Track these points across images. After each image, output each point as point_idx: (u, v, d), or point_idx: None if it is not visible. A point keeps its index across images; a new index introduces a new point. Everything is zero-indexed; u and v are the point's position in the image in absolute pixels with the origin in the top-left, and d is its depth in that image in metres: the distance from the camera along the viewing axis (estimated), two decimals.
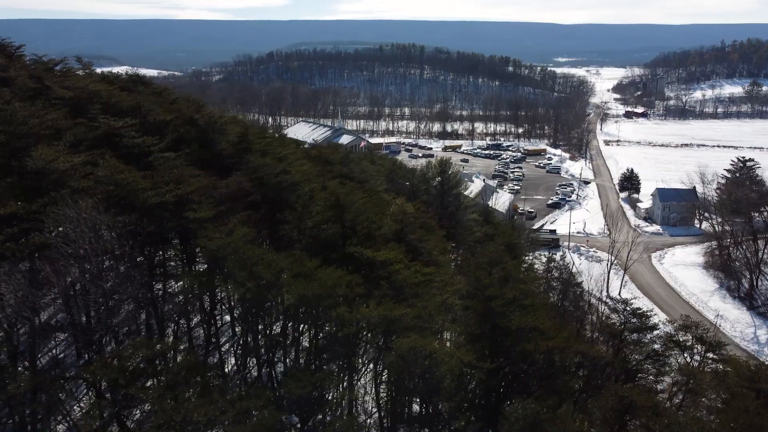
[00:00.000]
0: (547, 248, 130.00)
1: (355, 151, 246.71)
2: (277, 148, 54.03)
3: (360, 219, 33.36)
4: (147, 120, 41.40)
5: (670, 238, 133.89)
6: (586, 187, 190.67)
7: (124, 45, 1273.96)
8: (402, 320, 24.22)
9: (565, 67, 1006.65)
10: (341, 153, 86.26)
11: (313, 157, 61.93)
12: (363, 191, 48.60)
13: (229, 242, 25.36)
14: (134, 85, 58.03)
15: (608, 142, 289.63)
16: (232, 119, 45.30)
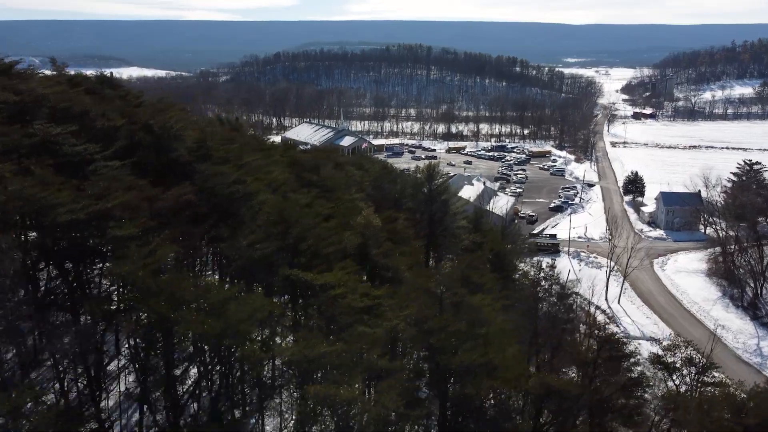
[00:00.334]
0: (546, 254, 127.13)
1: (358, 153, 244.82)
2: (248, 154, 51.47)
3: (310, 235, 30.55)
4: (96, 126, 38.89)
5: (673, 244, 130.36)
6: (590, 190, 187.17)
7: (128, 46, 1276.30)
8: (324, 359, 21.31)
9: (573, 67, 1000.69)
10: (326, 158, 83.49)
11: (292, 163, 59.25)
12: (333, 201, 45.93)
13: (133, 267, 22.48)
14: (101, 88, 55.48)
15: (615, 143, 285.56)
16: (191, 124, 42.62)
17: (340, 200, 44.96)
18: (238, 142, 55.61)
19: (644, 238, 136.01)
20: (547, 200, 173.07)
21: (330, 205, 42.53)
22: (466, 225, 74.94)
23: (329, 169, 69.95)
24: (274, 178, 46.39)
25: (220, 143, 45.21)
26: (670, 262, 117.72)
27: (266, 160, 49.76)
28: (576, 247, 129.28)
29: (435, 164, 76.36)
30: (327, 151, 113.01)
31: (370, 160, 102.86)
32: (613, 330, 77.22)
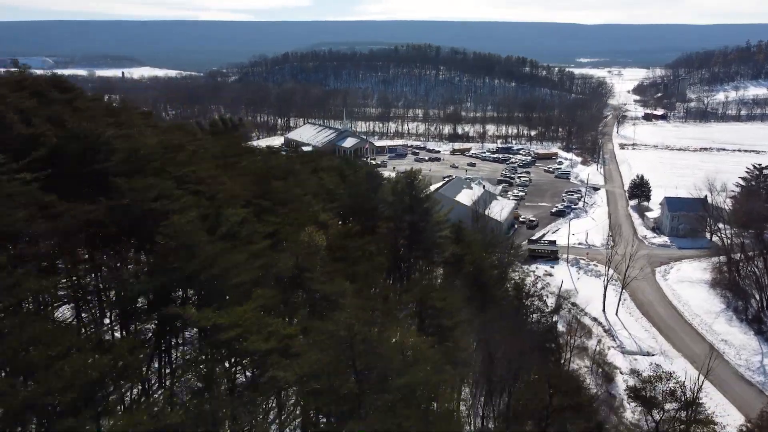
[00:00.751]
0: (544, 261, 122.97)
1: (360, 154, 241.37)
2: (200, 162, 47.80)
3: (217, 263, 26.57)
4: (14, 133, 35.37)
5: (677, 251, 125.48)
6: (594, 193, 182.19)
7: (143, 46, 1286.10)
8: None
9: (586, 67, 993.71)
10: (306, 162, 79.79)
11: (257, 171, 55.42)
12: (285, 215, 42.12)
13: None
14: (49, 90, 52.01)
15: (623, 145, 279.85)
16: (122, 134, 38.89)
17: (293, 215, 41.13)
18: (195, 148, 51.73)
19: (647, 245, 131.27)
20: (550, 204, 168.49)
21: (277, 221, 38.73)
22: (449, 235, 70.78)
23: (303, 176, 66.24)
24: (227, 189, 42.77)
25: (162, 152, 41.45)
26: (673, 271, 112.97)
27: (218, 170, 45.98)
28: (576, 254, 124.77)
29: (416, 171, 72.33)
30: (310, 156, 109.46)
31: (355, 165, 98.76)
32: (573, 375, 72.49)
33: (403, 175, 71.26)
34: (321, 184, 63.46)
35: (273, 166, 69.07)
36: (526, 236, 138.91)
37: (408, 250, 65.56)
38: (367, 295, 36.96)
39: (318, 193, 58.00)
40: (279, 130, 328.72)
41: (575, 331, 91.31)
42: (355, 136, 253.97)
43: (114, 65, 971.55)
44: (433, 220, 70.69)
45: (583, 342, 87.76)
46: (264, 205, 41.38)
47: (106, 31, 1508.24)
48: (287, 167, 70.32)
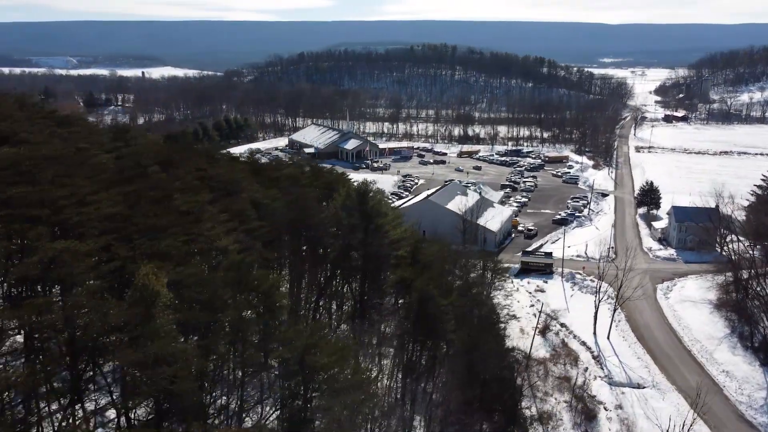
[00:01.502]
0: (538, 274, 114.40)
1: (363, 156, 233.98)
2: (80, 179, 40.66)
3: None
4: None
5: (683, 266, 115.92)
6: (602, 200, 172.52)
7: (171, 46, 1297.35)
8: None
9: (609, 68, 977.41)
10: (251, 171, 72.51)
11: (155, 186, 47.90)
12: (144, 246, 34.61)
13: None
14: None
15: (639, 148, 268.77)
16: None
17: (165, 241, 33.80)
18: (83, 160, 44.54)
19: (652, 258, 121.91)
20: (553, 211, 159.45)
21: (128, 254, 31.38)
22: (404, 255, 62.84)
23: (242, 186, 58.90)
24: (100, 211, 35.52)
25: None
26: (676, 289, 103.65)
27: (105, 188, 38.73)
28: (573, 267, 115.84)
29: (370, 184, 64.44)
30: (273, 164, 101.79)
31: (320, 173, 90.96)
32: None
33: (354, 188, 63.55)
34: (254, 199, 55.89)
35: (211, 177, 62.10)
36: (523, 246, 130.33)
37: (349, 274, 57.87)
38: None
39: (242, 211, 50.40)
40: (287, 131, 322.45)
41: (559, 356, 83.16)
42: (358, 137, 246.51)
43: (136, 65, 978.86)
44: (387, 239, 62.93)
45: (567, 371, 79.37)
46: (127, 230, 34.11)
47: (132, 32, 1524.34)
48: (228, 178, 63.09)
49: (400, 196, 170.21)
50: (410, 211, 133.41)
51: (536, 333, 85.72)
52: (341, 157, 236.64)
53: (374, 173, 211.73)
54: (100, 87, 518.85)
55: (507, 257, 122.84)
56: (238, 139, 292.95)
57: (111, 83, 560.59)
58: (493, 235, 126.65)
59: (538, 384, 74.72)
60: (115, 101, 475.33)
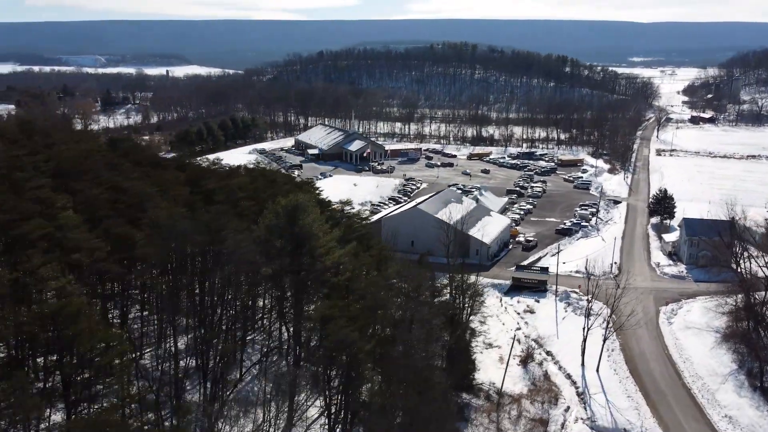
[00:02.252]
0: (531, 292, 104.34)
1: (368, 158, 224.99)
2: None
3: None
4: None
5: (692, 285, 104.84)
6: (613, 208, 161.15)
7: (198, 45, 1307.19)
8: None
9: (639, 67, 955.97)
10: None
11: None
12: None
13: None
14: None
15: (660, 151, 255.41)
16: None
17: None
18: None
19: (659, 276, 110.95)
20: (559, 219, 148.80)
21: None
22: (340, 282, 53.69)
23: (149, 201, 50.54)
24: None
25: None
26: (681, 312, 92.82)
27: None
28: (569, 285, 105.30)
29: (303, 202, 55.34)
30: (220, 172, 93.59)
31: (270, 182, 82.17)
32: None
33: (283, 206, 54.54)
34: (154, 220, 47.35)
35: (124, 190, 53.84)
36: (520, 259, 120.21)
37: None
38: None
39: (123, 236, 41.89)
40: (297, 131, 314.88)
41: (538, 392, 73.36)
42: (363, 138, 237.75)
43: (162, 63, 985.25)
44: (321, 264, 53.90)
45: (545, 410, 69.59)
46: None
47: (160, 31, 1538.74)
48: (136, 192, 54.77)
49: (398, 201, 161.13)
50: (397, 220, 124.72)
51: (509, 364, 76.00)
52: (345, 158, 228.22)
53: (377, 176, 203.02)
54: (122, 85, 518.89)
55: (499, 272, 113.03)
56: (245, 139, 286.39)
57: (130, 82, 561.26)
58: (486, 248, 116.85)
59: (508, 429, 65.15)
60: (132, 100, 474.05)
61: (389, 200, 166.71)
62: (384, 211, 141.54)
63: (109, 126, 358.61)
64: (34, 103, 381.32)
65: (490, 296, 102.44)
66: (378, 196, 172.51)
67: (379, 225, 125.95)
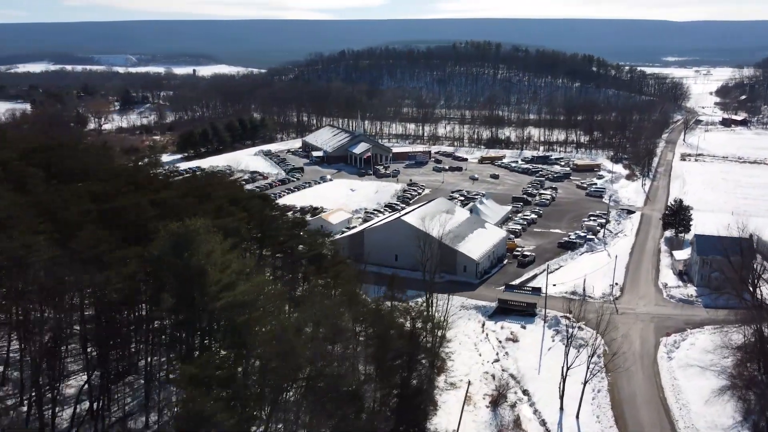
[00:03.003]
0: (519, 316, 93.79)
1: (373, 161, 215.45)
2: None
3: None
4: None
5: (701, 312, 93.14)
6: (626, 218, 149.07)
7: (228, 44, 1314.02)
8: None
9: (672, 67, 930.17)
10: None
11: None
12: None
13: None
14: None
15: (686, 156, 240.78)
16: None
17: None
18: None
19: (665, 299, 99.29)
20: (565, 231, 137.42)
21: None
22: (238, 326, 44.19)
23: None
24: None
25: None
26: (684, 345, 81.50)
27: None
28: (561, 309, 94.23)
29: (201, 226, 46.11)
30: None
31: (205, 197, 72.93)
32: None
33: (170, 234, 45.36)
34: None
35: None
36: (513, 277, 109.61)
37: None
38: None
39: None
40: (309, 131, 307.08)
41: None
42: (369, 141, 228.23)
43: (191, 63, 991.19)
44: (215, 306, 44.57)
45: None
46: None
47: (192, 31, 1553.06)
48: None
49: (394, 209, 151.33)
50: (380, 232, 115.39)
51: (476, 406, 65.98)
52: (350, 161, 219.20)
53: (380, 180, 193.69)
54: (141, 84, 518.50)
55: (487, 292, 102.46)
56: (254, 140, 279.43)
57: (151, 81, 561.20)
58: (474, 264, 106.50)
59: None
60: (151, 99, 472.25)
61: (385, 207, 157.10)
62: (368, 222, 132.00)
63: (122, 126, 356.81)
64: (50, 103, 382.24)
65: (471, 320, 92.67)
66: (375, 203, 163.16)
67: (362, 237, 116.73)
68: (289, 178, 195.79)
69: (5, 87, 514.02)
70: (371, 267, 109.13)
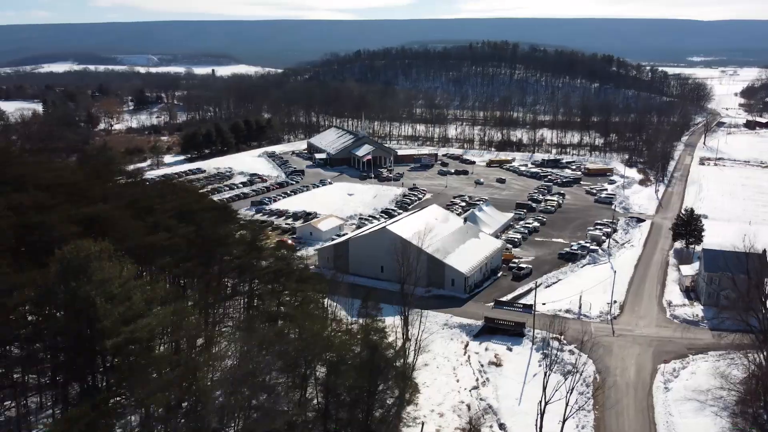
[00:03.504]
0: (506, 336, 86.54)
1: (377, 164, 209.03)
2: None
3: None
4: None
5: (706, 335, 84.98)
6: (635, 227, 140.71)
7: (251, 44, 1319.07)
8: None
9: (698, 67, 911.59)
10: None
11: None
12: None
13: None
14: None
15: (705, 160, 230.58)
16: None
17: None
18: None
19: (668, 318, 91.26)
20: (568, 240, 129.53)
21: None
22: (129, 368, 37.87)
23: None
24: None
25: None
26: (684, 374, 73.69)
27: None
28: (556, 328, 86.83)
29: (95, 251, 39.90)
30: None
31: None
32: None
33: (59, 264, 39.12)
34: None
35: None
36: (506, 291, 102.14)
37: None
38: None
39: None
40: (318, 132, 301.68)
41: None
42: (372, 143, 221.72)
43: (212, 63, 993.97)
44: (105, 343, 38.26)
45: None
46: None
47: (216, 31, 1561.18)
48: None
49: (391, 215, 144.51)
50: (365, 242, 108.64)
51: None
52: (353, 164, 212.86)
53: (382, 184, 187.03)
54: (163, 84, 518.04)
55: (475, 308, 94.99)
56: (261, 141, 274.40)
57: (168, 81, 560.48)
58: (462, 278, 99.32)
59: None
60: (165, 99, 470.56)
61: (381, 213, 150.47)
62: (360, 229, 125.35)
63: (131, 126, 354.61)
64: (60, 103, 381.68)
65: (454, 340, 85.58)
66: (372, 208, 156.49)
67: (346, 247, 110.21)
68: (288, 181, 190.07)
69: (23, 87, 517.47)
70: (357, 278, 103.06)
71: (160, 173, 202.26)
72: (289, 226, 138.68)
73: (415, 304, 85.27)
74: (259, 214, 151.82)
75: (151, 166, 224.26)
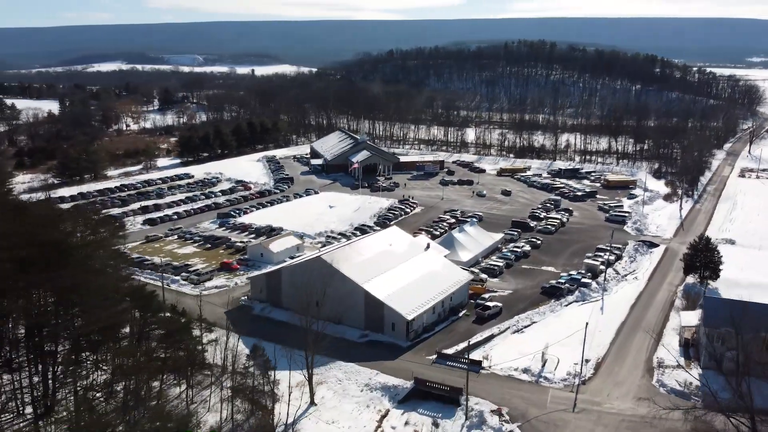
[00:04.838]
0: (439, 403, 68.36)
1: (376, 172, 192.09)
2: None
3: None
4: None
5: (698, 413, 64.63)
6: (645, 254, 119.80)
7: (297, 45, 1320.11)
8: None
9: (756, 68, 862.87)
10: None
11: None
12: None
13: None
14: None
15: (746, 171, 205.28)
16: None
17: None
18: None
19: (654, 386, 71.13)
20: (560, 270, 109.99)
21: None
22: None
23: None
24: None
25: None
26: None
27: None
28: (500, 397, 68.34)
29: None
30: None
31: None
32: None
33: None
34: None
35: None
36: (462, 337, 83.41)
37: None
38: None
39: None
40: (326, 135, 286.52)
41: None
42: (372, 148, 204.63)
43: (255, 62, 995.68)
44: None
45: None
46: None
47: (264, 31, 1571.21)
48: None
49: (365, 232, 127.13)
50: (298, 273, 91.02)
51: None
52: (350, 171, 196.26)
53: (372, 194, 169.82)
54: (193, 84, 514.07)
55: (413, 362, 76.56)
56: (266, 144, 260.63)
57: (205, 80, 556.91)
58: (403, 322, 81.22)
59: None
60: (191, 99, 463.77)
61: (355, 230, 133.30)
62: (325, 249, 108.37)
63: (145, 126, 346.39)
64: (78, 102, 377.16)
65: (370, 409, 67.79)
66: (348, 224, 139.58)
67: (279, 277, 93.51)
68: (272, 190, 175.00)
69: (54, 86, 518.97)
70: (291, 315, 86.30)
71: (142, 179, 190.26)
72: (243, 245, 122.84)
73: (337, 354, 69.03)
74: (221, 228, 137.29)
75: (141, 170, 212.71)
